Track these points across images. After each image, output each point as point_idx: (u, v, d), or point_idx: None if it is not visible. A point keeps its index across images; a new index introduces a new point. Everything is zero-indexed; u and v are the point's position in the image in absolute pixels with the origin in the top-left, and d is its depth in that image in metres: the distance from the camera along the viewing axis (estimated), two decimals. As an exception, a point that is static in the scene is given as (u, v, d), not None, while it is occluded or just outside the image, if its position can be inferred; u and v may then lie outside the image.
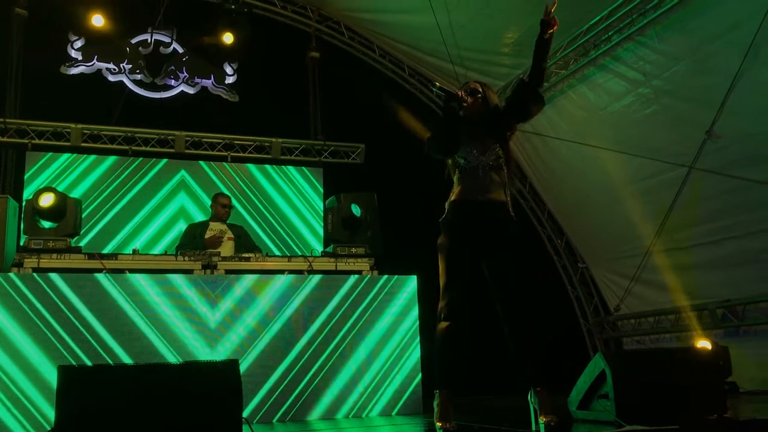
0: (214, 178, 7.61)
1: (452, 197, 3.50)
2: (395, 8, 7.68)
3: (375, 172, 7.90)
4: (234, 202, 7.18)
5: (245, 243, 6.11)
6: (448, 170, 3.59)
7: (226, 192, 6.89)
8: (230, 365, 2.92)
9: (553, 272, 8.57)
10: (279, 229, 7.70)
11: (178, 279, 4.80)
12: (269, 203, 7.76)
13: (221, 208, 6.24)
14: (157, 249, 7.03)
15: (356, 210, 5.56)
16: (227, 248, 5.91)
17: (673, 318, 7.30)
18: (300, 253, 6.46)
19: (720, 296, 6.64)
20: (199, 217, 7.15)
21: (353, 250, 5.54)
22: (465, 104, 3.43)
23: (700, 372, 3.57)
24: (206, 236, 6.00)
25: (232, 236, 6.09)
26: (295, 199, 7.87)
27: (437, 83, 3.53)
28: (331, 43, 8.53)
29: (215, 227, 6.16)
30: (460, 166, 3.45)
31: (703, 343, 6.04)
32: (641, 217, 7.20)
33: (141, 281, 4.71)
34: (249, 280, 4.97)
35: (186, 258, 5.03)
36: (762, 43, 5.28)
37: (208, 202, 6.72)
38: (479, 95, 3.51)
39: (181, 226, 6.97)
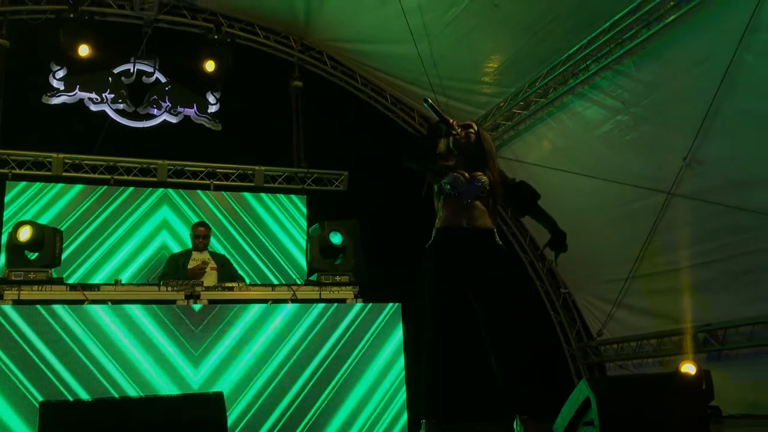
0: (197, 207, 7.58)
1: (438, 224, 3.53)
2: (377, 39, 7.77)
3: (359, 199, 7.94)
4: (216, 230, 7.18)
5: (228, 272, 6.10)
6: (425, 191, 3.63)
7: (206, 221, 6.87)
8: (215, 398, 2.89)
9: (535, 298, 8.60)
10: (263, 257, 7.66)
11: (159, 309, 4.76)
12: (252, 232, 7.72)
13: (198, 239, 6.21)
14: (141, 279, 6.97)
15: (335, 239, 5.57)
16: (211, 278, 5.89)
17: (655, 342, 7.34)
18: (285, 282, 6.44)
19: (701, 320, 6.70)
20: (182, 246, 7.10)
21: (337, 278, 5.53)
22: (454, 132, 3.48)
23: (683, 397, 3.59)
24: (189, 266, 5.97)
25: (215, 266, 6.07)
26: (278, 227, 7.85)
27: (429, 99, 3.58)
28: (314, 72, 8.59)
29: (198, 257, 6.14)
30: (446, 193, 3.48)
31: (688, 367, 6.07)
32: (622, 243, 7.27)
33: (115, 313, 4.66)
34: (231, 309, 4.94)
35: (169, 288, 5.00)
36: (735, 71, 5.40)
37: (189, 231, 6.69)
38: (472, 131, 3.57)
39: (164, 254, 6.93)
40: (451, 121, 3.51)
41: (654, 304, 7.28)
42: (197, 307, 4.88)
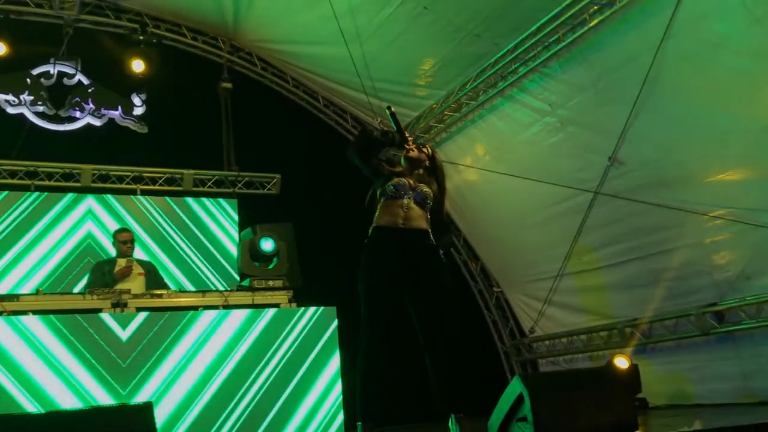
0: (123, 212, 7.34)
1: (375, 223, 3.54)
2: (307, 40, 7.71)
3: (292, 203, 7.85)
4: (143, 237, 6.98)
5: (155, 279, 5.91)
6: (369, 200, 3.64)
7: (130, 227, 6.66)
8: (144, 409, 2.80)
9: (469, 297, 8.71)
10: (193, 263, 7.48)
11: (84, 319, 4.58)
12: (181, 237, 7.54)
13: (122, 245, 6.00)
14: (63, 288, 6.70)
15: (266, 245, 5.49)
16: (138, 284, 5.70)
17: (585, 338, 7.54)
18: (216, 288, 6.31)
19: (628, 315, 6.92)
20: (107, 255, 6.86)
21: (270, 282, 5.46)
22: (407, 146, 3.51)
23: (612, 391, 3.69)
24: (115, 270, 5.76)
25: (143, 272, 5.89)
26: (208, 233, 7.68)
27: (392, 107, 3.62)
28: (244, 74, 8.46)
29: (123, 263, 5.94)
30: (387, 194, 3.50)
31: (621, 361, 6.26)
32: (551, 242, 7.45)
33: (39, 324, 4.46)
34: (160, 318, 4.80)
35: (94, 297, 4.82)
36: (657, 74, 5.61)
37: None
38: (425, 152, 3.61)
39: (90, 262, 6.69)
40: (408, 135, 3.57)
41: (583, 300, 7.48)
42: (124, 315, 4.73)
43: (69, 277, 6.87)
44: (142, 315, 4.79)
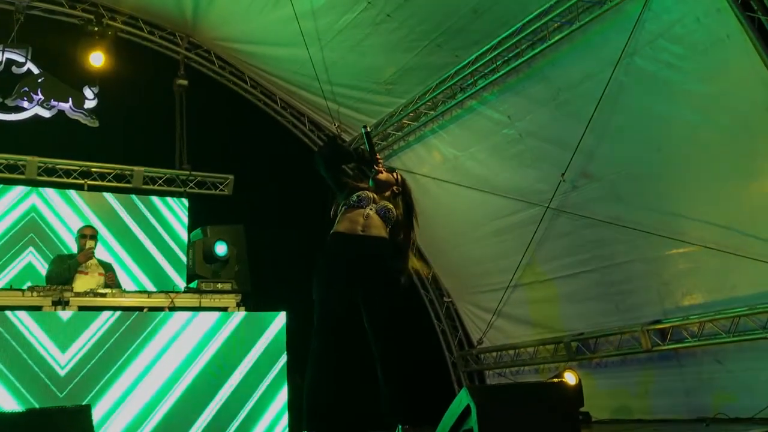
0: (69, 208, 7.11)
1: (333, 229, 3.50)
2: (267, 41, 7.61)
3: (244, 204, 7.73)
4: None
5: (114, 280, 5.72)
6: (335, 208, 3.61)
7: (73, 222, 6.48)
8: (82, 411, 2.69)
9: (420, 306, 8.71)
10: (140, 263, 7.28)
11: (21, 317, 4.41)
12: (129, 235, 7.32)
13: (82, 238, 5.79)
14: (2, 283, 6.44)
15: (219, 249, 5.39)
16: (96, 283, 5.49)
17: (532, 351, 7.61)
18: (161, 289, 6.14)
19: (575, 329, 7.01)
20: (50, 251, 6.63)
21: (219, 285, 5.36)
22: (376, 166, 3.47)
23: (557, 405, 3.71)
24: (77, 257, 5.57)
25: (102, 272, 5.70)
26: (157, 232, 7.48)
27: (367, 126, 3.65)
28: (201, 72, 8.30)
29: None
30: (349, 204, 3.47)
31: (569, 376, 6.33)
32: (503, 253, 7.50)
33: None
34: (104, 317, 4.65)
35: (35, 293, 4.65)
36: (615, 92, 5.71)
37: (60, 233, 6.26)
38: (396, 177, 3.61)
39: (30, 259, 6.46)
40: (379, 157, 3.57)
41: (532, 313, 7.56)
42: (64, 314, 4.57)
43: (9, 274, 6.60)
44: (83, 314, 4.63)
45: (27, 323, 4.42)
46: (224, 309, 5.19)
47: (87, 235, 5.82)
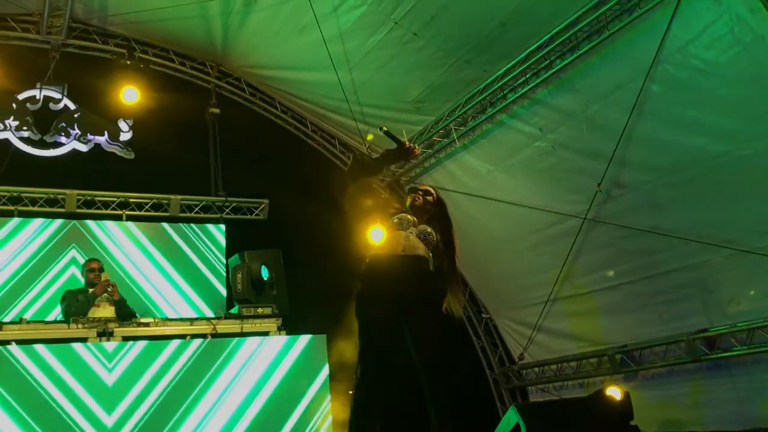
0: (109, 238, 7.24)
1: (374, 251, 3.49)
2: (296, 66, 7.70)
3: (279, 228, 7.79)
4: (130, 262, 6.87)
5: (125, 310, 5.75)
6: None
7: (116, 251, 6.64)
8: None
9: (458, 323, 8.64)
10: (180, 290, 7.36)
11: (71, 348, 4.48)
12: (168, 263, 7.43)
13: (90, 273, 5.86)
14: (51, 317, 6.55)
15: (265, 271, 5.44)
16: (108, 313, 5.53)
17: (574, 365, 7.49)
18: (203, 315, 6.21)
19: (618, 341, 6.88)
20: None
21: (259, 310, 5.39)
22: (413, 156, 3.43)
23: (608, 420, 3.66)
24: (94, 289, 5.62)
25: (112, 302, 5.75)
26: (195, 259, 7.58)
27: (384, 127, 3.64)
28: (232, 99, 8.42)
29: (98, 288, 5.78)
30: (390, 225, 3.48)
31: (612, 390, 6.19)
32: (541, 267, 7.42)
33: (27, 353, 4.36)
34: (147, 346, 4.70)
35: (79, 325, 4.72)
36: (644, 101, 5.64)
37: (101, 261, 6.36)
38: (431, 198, 3.62)
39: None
40: (408, 145, 3.57)
41: (573, 326, 7.45)
42: (110, 345, 4.62)
43: (53, 305, 6.71)
44: (128, 344, 4.68)
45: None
46: (265, 333, 5.21)
47: (95, 268, 5.89)
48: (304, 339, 5.19)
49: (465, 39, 6.46)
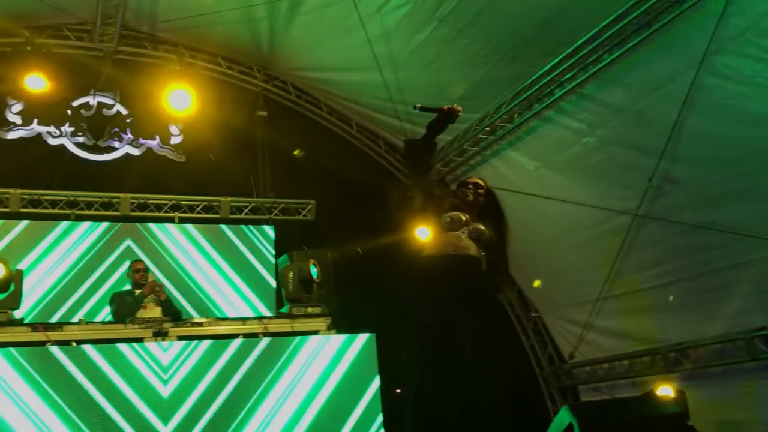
0: (161, 240, 7.40)
1: (426, 251, 3.49)
2: (341, 67, 7.76)
3: (326, 228, 7.86)
4: (181, 264, 7.01)
5: (172, 310, 5.86)
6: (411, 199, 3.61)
7: (167, 254, 6.88)
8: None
9: (506, 322, 8.58)
10: (230, 290, 7.49)
11: (126, 348, 4.60)
12: (218, 264, 7.56)
13: (135, 273, 5.98)
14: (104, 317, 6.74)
15: (314, 270, 5.50)
16: (155, 314, 5.65)
17: (627, 363, 7.36)
18: (253, 315, 6.30)
19: (672, 340, 6.74)
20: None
21: (309, 309, 5.44)
22: (457, 113, 3.38)
23: (663, 418, 3.59)
24: (142, 290, 5.74)
25: (159, 303, 5.86)
26: (245, 259, 7.70)
27: (418, 105, 3.62)
28: (279, 102, 8.53)
29: (145, 290, 5.91)
30: (442, 225, 3.46)
31: (664, 389, 6.08)
32: (591, 265, 7.31)
33: (89, 352, 4.49)
34: (202, 346, 4.80)
35: (136, 326, 4.84)
36: (697, 94, 5.51)
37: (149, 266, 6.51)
38: (481, 190, 3.59)
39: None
40: (446, 107, 3.52)
41: (624, 324, 7.32)
42: (167, 344, 4.73)
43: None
44: (181, 344, 4.79)
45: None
46: (315, 332, 5.26)
47: (141, 269, 6.00)
48: (354, 338, 5.22)
49: (510, 35, 6.41)
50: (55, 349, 4.40)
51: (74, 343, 4.54)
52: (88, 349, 4.50)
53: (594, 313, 7.54)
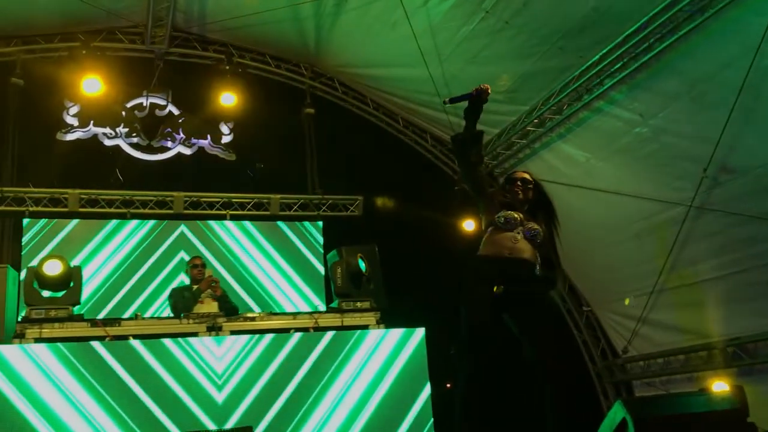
0: (213, 237, 7.56)
1: (480, 251, 3.42)
2: (387, 62, 7.77)
3: (374, 224, 7.89)
4: (233, 260, 7.14)
5: (228, 305, 5.96)
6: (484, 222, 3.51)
7: (219, 250, 7.02)
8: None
9: (558, 317, 8.46)
10: (281, 285, 7.61)
11: (181, 343, 4.71)
12: (270, 260, 7.69)
13: (193, 269, 6.08)
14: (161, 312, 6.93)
15: (362, 265, 5.53)
16: (212, 309, 5.75)
17: (682, 358, 7.20)
18: (303, 310, 6.38)
19: (730, 334, 6.56)
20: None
21: (358, 304, 5.47)
22: (486, 93, 3.35)
23: (721, 415, 3.50)
24: (199, 285, 5.85)
25: (215, 298, 5.97)
26: (295, 255, 7.81)
27: (446, 99, 3.52)
28: (326, 99, 8.61)
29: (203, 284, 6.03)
30: (496, 224, 3.38)
31: (720, 385, 5.92)
32: (644, 257, 7.16)
33: (142, 347, 4.62)
34: (256, 340, 4.88)
35: (190, 321, 4.95)
36: (754, 79, 5.33)
37: (208, 261, 6.64)
38: (530, 185, 3.51)
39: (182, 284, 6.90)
40: (474, 90, 3.37)
41: (680, 318, 7.15)
42: (220, 338, 4.83)
43: (164, 301, 7.08)
44: (234, 338, 4.88)
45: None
46: (365, 327, 5.29)
47: (199, 264, 6.10)
48: (404, 332, 5.24)
49: (558, 25, 6.31)
50: (97, 345, 4.52)
51: (131, 338, 4.67)
52: (136, 344, 4.62)
53: (648, 307, 7.38)
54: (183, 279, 7.18)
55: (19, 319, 4.81)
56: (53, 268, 4.77)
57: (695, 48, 5.72)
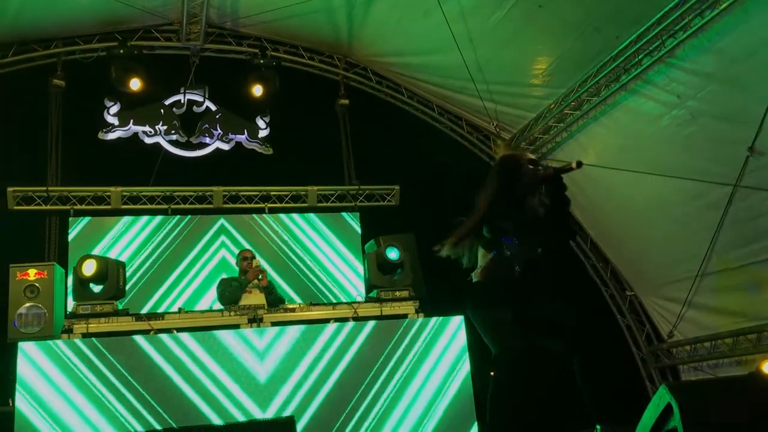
0: (254, 230, 7.64)
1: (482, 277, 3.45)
2: (420, 50, 7.73)
3: (411, 213, 7.89)
4: (273, 252, 7.21)
5: (275, 296, 6.05)
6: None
7: (259, 243, 7.09)
8: (287, 423, 2.87)
9: (600, 301, 8.37)
10: (321, 276, 7.67)
11: (224, 335, 4.79)
12: (309, 251, 7.75)
13: (243, 261, 6.19)
14: (204, 305, 7.04)
15: (392, 254, 5.53)
16: (259, 299, 5.84)
17: (730, 342, 7.04)
18: (343, 300, 6.42)
19: (780, 316, 6.40)
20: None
21: (397, 293, 5.49)
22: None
23: (771, 399, 3.40)
24: (246, 275, 5.94)
25: (261, 290, 6.06)
26: (334, 246, 7.85)
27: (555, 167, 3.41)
28: (360, 89, 8.61)
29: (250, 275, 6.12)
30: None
31: (769, 368, 5.79)
32: (688, 240, 7.01)
33: (188, 340, 4.71)
34: (296, 331, 4.94)
35: (232, 313, 5.03)
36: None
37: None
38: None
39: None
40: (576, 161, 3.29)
41: (726, 301, 6.99)
42: (261, 330, 4.90)
43: (204, 294, 7.19)
44: (277, 329, 4.94)
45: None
46: (404, 316, 5.30)
47: (248, 257, 6.20)
48: (444, 321, 5.25)
49: (592, 6, 6.20)
50: (139, 338, 4.63)
51: (175, 331, 4.76)
52: (185, 337, 4.71)
53: (693, 290, 7.24)
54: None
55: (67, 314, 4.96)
56: (89, 268, 4.90)
57: (733, 25, 5.54)
